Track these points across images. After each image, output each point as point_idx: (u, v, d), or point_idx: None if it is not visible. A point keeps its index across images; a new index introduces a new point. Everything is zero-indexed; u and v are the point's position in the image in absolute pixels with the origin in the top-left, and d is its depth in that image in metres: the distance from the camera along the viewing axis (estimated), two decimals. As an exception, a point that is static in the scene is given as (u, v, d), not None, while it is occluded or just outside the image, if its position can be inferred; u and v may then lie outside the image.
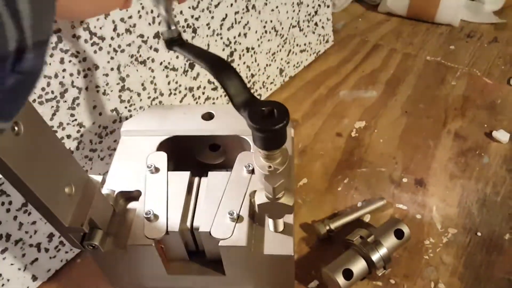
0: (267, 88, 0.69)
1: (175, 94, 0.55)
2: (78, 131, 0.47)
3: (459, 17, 0.81)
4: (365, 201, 0.56)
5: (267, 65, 0.67)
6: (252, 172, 0.36)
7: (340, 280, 0.45)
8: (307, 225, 0.54)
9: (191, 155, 0.42)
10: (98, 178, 0.34)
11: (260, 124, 0.30)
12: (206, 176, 0.37)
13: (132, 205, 0.36)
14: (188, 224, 0.34)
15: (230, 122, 0.41)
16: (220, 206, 0.34)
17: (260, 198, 0.31)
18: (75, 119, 0.46)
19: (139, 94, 0.51)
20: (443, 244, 0.51)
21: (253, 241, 0.34)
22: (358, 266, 0.46)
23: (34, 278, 0.49)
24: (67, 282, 0.50)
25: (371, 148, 0.62)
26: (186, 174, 0.37)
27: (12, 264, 0.46)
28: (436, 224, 0.53)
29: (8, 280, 0.47)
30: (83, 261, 0.52)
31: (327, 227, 0.52)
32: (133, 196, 0.36)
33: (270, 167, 0.34)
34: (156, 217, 0.34)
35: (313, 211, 0.55)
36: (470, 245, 0.51)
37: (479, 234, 0.52)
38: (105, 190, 0.36)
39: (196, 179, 0.37)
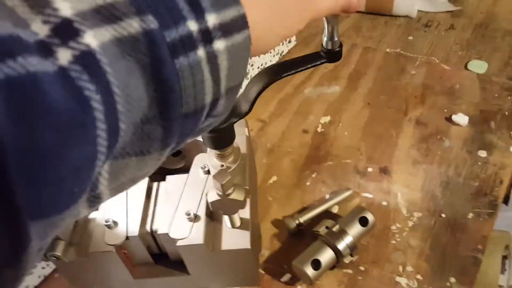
0: (232, 91, 0.70)
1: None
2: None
3: (416, 8, 0.83)
4: (332, 193, 0.57)
5: (230, 69, 0.68)
6: (208, 172, 0.37)
7: (309, 271, 0.46)
8: (278, 221, 0.55)
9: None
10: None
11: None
12: (165, 180, 0.38)
13: (93, 215, 0.37)
14: (148, 227, 0.35)
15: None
16: (178, 207, 0.36)
17: (212, 196, 0.32)
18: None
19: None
20: (409, 228, 0.52)
21: (211, 238, 0.35)
22: (326, 256, 0.47)
23: (10, 297, 0.50)
24: (45, 298, 0.51)
25: (336, 142, 0.64)
26: (144, 180, 0.38)
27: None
28: (401, 209, 0.54)
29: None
30: (61, 276, 0.53)
31: (297, 221, 0.53)
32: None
33: (222, 165, 0.36)
34: (115, 223, 0.35)
35: (283, 207, 0.56)
36: (435, 227, 0.52)
37: (443, 215, 0.53)
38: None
39: (155, 184, 0.38)
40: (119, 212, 0.36)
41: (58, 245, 0.34)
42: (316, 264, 0.46)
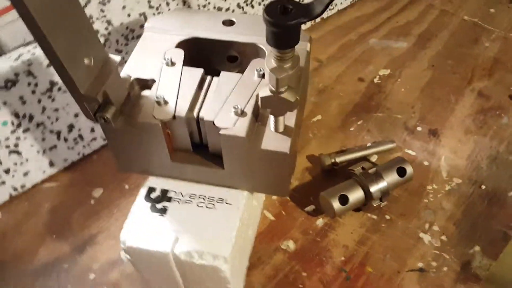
0: (297, 25, 0.69)
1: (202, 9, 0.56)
2: (106, 28, 0.49)
3: (507, -19, 0.78)
4: (375, 142, 0.56)
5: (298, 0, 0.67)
6: (262, 76, 0.37)
7: (335, 204, 0.46)
8: (314, 157, 0.55)
9: (208, 63, 0.43)
10: (117, 58, 0.35)
11: (274, 17, 0.31)
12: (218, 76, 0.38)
13: (145, 92, 0.38)
14: (195, 113, 0.36)
15: (249, 31, 0.41)
16: (227, 101, 0.36)
17: (264, 92, 0.32)
18: (105, 15, 0.48)
19: (168, 4, 0.52)
20: (445, 191, 0.51)
21: (253, 135, 0.35)
22: (355, 194, 0.47)
23: (51, 164, 0.53)
24: (81, 175, 0.54)
25: (391, 95, 0.62)
26: (199, 71, 0.38)
27: (32, 146, 0.50)
28: (442, 172, 0.53)
29: (27, 160, 0.50)
30: (99, 158, 0.55)
31: (332, 160, 0.53)
32: (148, 84, 0.38)
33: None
34: (165, 102, 0.36)
35: (322, 145, 0.56)
36: (473, 196, 0.51)
37: (483, 187, 0.52)
38: (122, 74, 0.38)
39: (209, 77, 0.38)
40: (170, 94, 0.36)
41: (110, 109, 0.35)
42: (343, 199, 0.46)
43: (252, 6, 0.62)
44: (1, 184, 0.49)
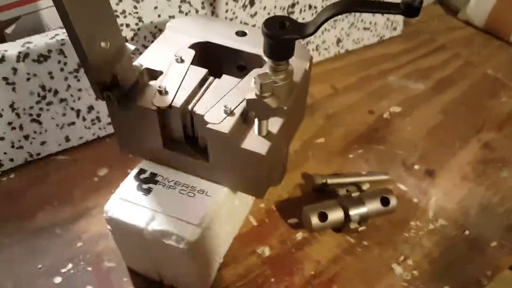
0: (319, 52, 0.72)
1: (229, 23, 0.60)
2: (136, 24, 0.54)
3: (539, 44, 0.78)
4: (370, 172, 0.58)
5: (325, 29, 0.70)
6: (258, 84, 0.41)
7: (314, 219, 0.48)
8: (307, 175, 0.57)
9: (219, 69, 0.47)
10: (131, 47, 0.40)
11: (270, 30, 0.35)
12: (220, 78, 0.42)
13: (152, 82, 0.42)
14: (190, 107, 0.39)
15: (258, 44, 0.45)
16: (221, 101, 0.39)
17: (250, 95, 0.36)
18: (137, 12, 0.53)
19: (197, 11, 0.57)
20: (428, 230, 0.52)
21: (236, 134, 0.38)
22: (335, 214, 0.49)
23: (67, 139, 0.57)
24: (91, 153, 0.58)
25: (397, 131, 0.64)
26: (203, 71, 0.42)
27: (52, 118, 0.55)
28: (429, 211, 0.54)
29: (46, 130, 0.55)
30: (111, 142, 0.60)
31: (324, 180, 0.55)
32: (156, 75, 0.42)
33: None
34: (166, 92, 0.40)
35: (318, 166, 0.58)
36: (455, 239, 0.52)
37: (467, 232, 0.52)
38: (135, 63, 0.42)
39: (211, 78, 0.42)
40: (173, 87, 0.40)
41: (116, 90, 0.39)
42: (322, 217, 0.48)
43: (278, 27, 0.65)
44: (19, 148, 0.54)
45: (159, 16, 0.55)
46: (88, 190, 0.54)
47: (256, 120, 0.38)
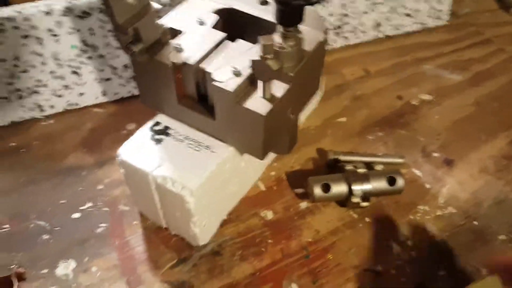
0: (356, 35, 0.72)
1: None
2: (172, -10, 0.57)
3: None
4: (386, 154, 0.58)
5: (364, 12, 0.70)
6: (270, 50, 0.42)
7: (317, 189, 0.50)
8: (322, 151, 0.58)
9: (241, 36, 0.49)
10: (157, 6, 0.43)
11: (279, -5, 0.36)
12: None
13: (172, 41, 0.45)
14: (202, 65, 0.42)
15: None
16: (231, 62, 0.41)
17: (255, 56, 0.38)
18: (173, -21, 0.56)
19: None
20: (435, 216, 0.52)
21: (241, 94, 0.40)
22: (338, 187, 0.50)
23: (104, 93, 0.62)
24: (123, 109, 0.63)
25: (422, 118, 0.63)
26: (222, 34, 0.44)
27: (91, 72, 0.59)
28: (439, 198, 0.54)
29: (84, 83, 0.60)
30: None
31: (336, 156, 0.56)
32: (177, 35, 0.45)
33: (280, 43, 0.40)
34: (182, 50, 0.42)
35: (335, 143, 0.59)
36: (461, 227, 0.51)
37: (475, 223, 0.51)
38: (159, 21, 0.45)
39: (227, 41, 0.44)
40: (190, 46, 0.43)
41: (138, 45, 0.42)
42: (325, 187, 0.50)
43: (313, 5, 0.66)
44: (59, 96, 0.60)
45: (194, -17, 0.57)
46: (116, 141, 0.59)
47: (260, 82, 0.40)
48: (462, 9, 0.82)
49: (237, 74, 0.41)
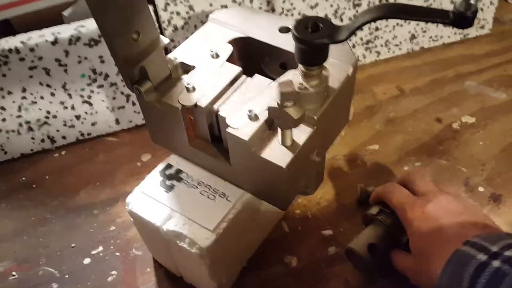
0: (389, 48, 0.66)
1: (286, 14, 0.57)
2: (187, 12, 0.53)
3: None
4: (424, 188, 0.52)
5: (397, 23, 0.64)
6: (291, 87, 0.37)
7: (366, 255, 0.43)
8: (352, 186, 0.53)
9: (260, 65, 0.44)
10: (165, 40, 0.38)
11: (300, 33, 0.31)
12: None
13: (183, 77, 0.40)
14: (215, 107, 0.37)
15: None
16: (248, 103, 0.37)
17: (273, 103, 0.33)
18: (188, 1, 0.52)
19: (251, 1, 0.54)
20: (481, 264, 0.46)
21: (257, 142, 0.35)
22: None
23: (117, 122, 0.59)
24: (138, 138, 0.59)
25: (464, 146, 0.57)
26: (237, 69, 0.39)
27: (103, 101, 0.56)
28: (486, 242, 0.47)
29: (96, 112, 0.56)
30: (158, 128, 0.60)
31: (369, 190, 0.50)
32: (189, 70, 0.41)
33: (301, 84, 0.35)
34: (193, 89, 0.38)
35: (366, 176, 0.54)
36: None
37: (529, 273, 0.45)
38: (170, 56, 0.41)
39: (244, 76, 0.40)
40: (202, 83, 0.38)
41: (145, 84, 0.38)
42: (372, 249, 0.43)
43: (341, 19, 0.61)
44: (71, 127, 0.57)
45: (211, 5, 0.53)
46: (130, 173, 0.55)
47: (279, 129, 0.35)
48: (508, 15, 0.75)
49: (252, 118, 0.36)
